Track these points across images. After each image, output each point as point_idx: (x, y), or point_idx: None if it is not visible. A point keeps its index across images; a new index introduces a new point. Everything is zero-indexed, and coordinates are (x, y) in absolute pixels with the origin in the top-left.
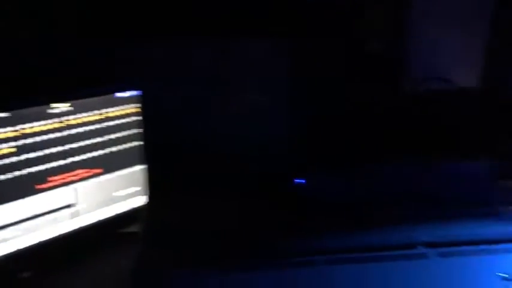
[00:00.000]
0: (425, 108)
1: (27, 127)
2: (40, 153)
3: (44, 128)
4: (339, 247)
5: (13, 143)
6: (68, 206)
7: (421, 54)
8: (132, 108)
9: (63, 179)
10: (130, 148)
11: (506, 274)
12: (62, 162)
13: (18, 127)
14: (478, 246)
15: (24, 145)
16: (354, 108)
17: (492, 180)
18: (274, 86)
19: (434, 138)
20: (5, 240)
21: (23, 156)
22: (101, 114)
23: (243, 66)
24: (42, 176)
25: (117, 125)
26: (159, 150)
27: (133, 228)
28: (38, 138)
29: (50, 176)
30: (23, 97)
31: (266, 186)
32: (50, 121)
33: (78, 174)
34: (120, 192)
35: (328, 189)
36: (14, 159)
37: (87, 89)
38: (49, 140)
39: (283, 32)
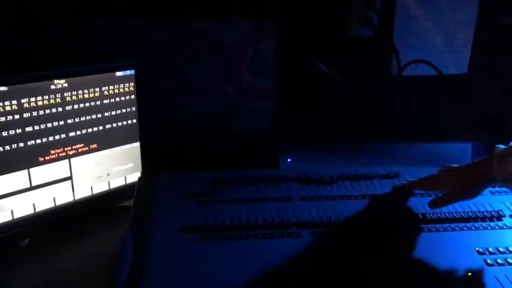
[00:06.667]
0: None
1: (28, 101)
2: (40, 126)
3: (44, 103)
4: None
5: (13, 116)
6: (66, 179)
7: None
8: (129, 86)
9: (62, 152)
10: (127, 126)
11: None
12: (61, 136)
13: (19, 101)
14: None
15: (25, 118)
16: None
17: None
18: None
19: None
20: (6, 208)
21: (24, 129)
22: (98, 91)
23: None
24: (43, 149)
25: (115, 102)
26: (153, 128)
27: (129, 203)
28: (38, 113)
29: (51, 150)
30: (23, 72)
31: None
32: (49, 96)
33: (76, 148)
34: (116, 168)
35: None
36: (15, 131)
37: (86, 67)
38: (49, 114)
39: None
